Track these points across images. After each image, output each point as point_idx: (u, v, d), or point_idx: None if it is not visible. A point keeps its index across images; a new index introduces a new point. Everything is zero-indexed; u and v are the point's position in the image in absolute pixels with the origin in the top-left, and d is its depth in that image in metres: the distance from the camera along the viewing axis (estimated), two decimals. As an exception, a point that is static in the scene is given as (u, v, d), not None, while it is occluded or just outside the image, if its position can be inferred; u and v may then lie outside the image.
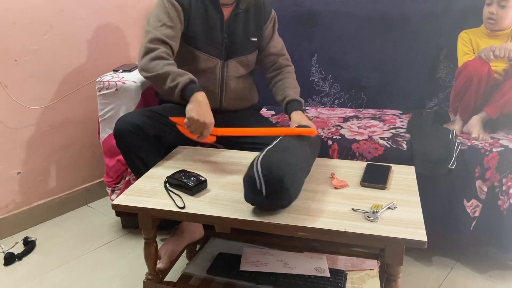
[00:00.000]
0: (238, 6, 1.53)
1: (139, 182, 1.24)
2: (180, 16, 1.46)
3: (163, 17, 1.44)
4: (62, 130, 1.99)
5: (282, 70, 1.64)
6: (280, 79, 1.62)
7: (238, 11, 1.53)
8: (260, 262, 1.30)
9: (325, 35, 2.04)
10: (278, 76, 1.63)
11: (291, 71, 1.65)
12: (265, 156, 1.06)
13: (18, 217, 1.89)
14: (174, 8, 1.45)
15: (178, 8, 1.45)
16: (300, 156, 1.15)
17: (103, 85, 1.68)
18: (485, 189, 1.44)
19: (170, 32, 1.43)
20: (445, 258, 1.63)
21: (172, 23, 1.44)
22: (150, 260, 1.24)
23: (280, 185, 1.00)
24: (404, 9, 1.94)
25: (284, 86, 1.59)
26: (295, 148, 1.16)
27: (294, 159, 1.09)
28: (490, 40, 1.68)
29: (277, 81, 1.63)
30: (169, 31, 1.43)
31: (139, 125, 1.36)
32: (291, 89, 1.58)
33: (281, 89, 1.59)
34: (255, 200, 1.04)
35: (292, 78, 1.63)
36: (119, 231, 1.88)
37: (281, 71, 1.64)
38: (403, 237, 0.96)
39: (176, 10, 1.45)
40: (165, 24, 1.43)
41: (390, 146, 1.53)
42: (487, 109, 1.59)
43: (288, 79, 1.62)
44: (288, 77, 1.62)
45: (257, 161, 1.04)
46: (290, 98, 1.54)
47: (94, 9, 2.01)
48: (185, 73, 1.36)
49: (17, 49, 1.77)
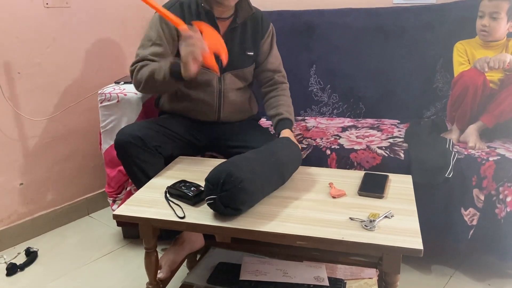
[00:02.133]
0: (235, 20, 1.55)
1: (140, 193, 1.26)
2: (172, 32, 1.49)
3: (152, 35, 1.48)
4: (64, 141, 2.02)
5: (278, 87, 1.65)
6: (275, 96, 1.63)
7: (235, 25, 1.55)
8: (260, 272, 1.31)
9: (323, 46, 2.07)
10: (273, 92, 1.64)
11: (286, 89, 1.66)
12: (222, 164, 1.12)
13: (20, 227, 1.90)
14: (167, 25, 1.48)
15: (170, 25, 1.47)
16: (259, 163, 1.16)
17: (104, 96, 1.71)
18: (482, 198, 1.46)
19: (158, 49, 1.47)
20: (444, 266, 1.64)
21: (160, 40, 1.47)
22: (150, 270, 1.25)
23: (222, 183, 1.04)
24: (401, 21, 1.97)
25: (278, 103, 1.60)
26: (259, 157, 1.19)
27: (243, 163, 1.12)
28: (485, 50, 1.71)
29: (271, 97, 1.64)
30: (157, 49, 1.47)
31: (140, 136, 1.38)
32: (284, 107, 1.59)
33: (275, 105, 1.61)
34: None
35: (287, 96, 1.65)
36: (120, 241, 1.90)
37: (276, 88, 1.65)
38: (399, 245, 0.97)
39: (168, 27, 1.48)
40: (154, 42, 1.47)
41: (388, 155, 1.55)
42: (483, 118, 1.61)
43: (283, 96, 1.63)
44: (283, 95, 1.63)
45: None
46: (283, 116, 1.56)
47: (95, 23, 2.05)
48: (164, 61, 1.39)
49: (20, 62, 1.80)
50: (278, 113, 1.58)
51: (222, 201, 1.06)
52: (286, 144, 1.33)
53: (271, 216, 1.10)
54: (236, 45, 1.56)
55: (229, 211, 1.08)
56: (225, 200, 1.06)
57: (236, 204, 1.06)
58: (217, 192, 1.06)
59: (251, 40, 1.60)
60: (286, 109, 1.59)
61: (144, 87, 1.45)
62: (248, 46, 1.59)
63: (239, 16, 1.55)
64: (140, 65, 1.45)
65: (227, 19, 1.54)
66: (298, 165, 1.34)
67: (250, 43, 1.59)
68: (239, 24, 1.55)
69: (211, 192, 1.07)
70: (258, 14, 1.61)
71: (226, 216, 1.10)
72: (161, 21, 1.48)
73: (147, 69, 1.41)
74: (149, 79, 1.40)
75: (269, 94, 1.65)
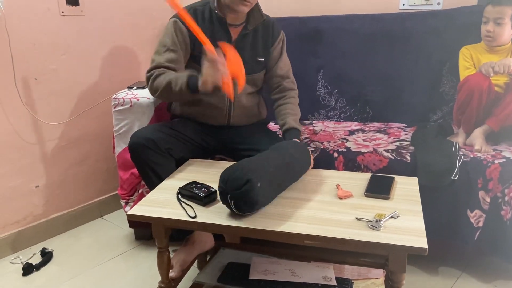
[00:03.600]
0: (246, 27, 1.59)
1: (152, 194, 1.30)
2: (186, 39, 1.53)
3: (167, 42, 1.52)
4: (78, 144, 2.08)
5: (286, 94, 1.68)
6: (282, 104, 1.66)
7: (247, 32, 1.59)
8: (269, 271, 1.35)
9: (330, 51, 2.10)
10: (281, 100, 1.67)
11: (294, 96, 1.69)
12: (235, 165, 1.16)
13: (36, 229, 1.96)
14: (180, 32, 1.52)
15: (184, 31, 1.52)
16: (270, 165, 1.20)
17: (118, 101, 1.76)
18: (488, 200, 1.47)
19: (173, 56, 1.51)
20: (451, 268, 1.65)
21: (175, 47, 1.52)
22: (162, 269, 1.29)
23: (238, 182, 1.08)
24: (407, 26, 2.00)
25: (285, 112, 1.63)
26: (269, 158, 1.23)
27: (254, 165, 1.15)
28: (490, 55, 1.73)
29: (279, 105, 1.67)
30: (172, 55, 1.51)
31: (153, 139, 1.43)
32: (291, 116, 1.62)
33: (282, 114, 1.64)
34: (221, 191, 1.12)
35: (294, 103, 1.67)
36: (132, 242, 1.94)
37: (284, 95, 1.68)
38: (404, 244, 0.99)
39: (182, 34, 1.52)
40: (168, 48, 1.52)
41: (395, 158, 1.57)
42: (489, 122, 1.63)
43: (290, 104, 1.65)
44: (290, 102, 1.66)
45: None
46: (288, 126, 1.59)
47: (108, 30, 2.11)
48: (182, 73, 1.44)
49: (37, 68, 1.87)
50: (285, 123, 1.61)
51: (236, 200, 1.09)
52: (295, 145, 1.37)
53: (280, 216, 1.13)
54: (247, 51, 1.59)
55: (241, 210, 1.11)
56: (238, 199, 1.09)
57: (249, 203, 1.09)
58: (232, 190, 1.09)
59: (262, 47, 1.63)
60: (293, 118, 1.62)
61: (161, 96, 1.51)
62: (259, 53, 1.62)
63: (250, 23, 1.58)
64: (156, 73, 1.49)
65: (238, 25, 1.58)
66: (309, 165, 1.38)
67: (261, 49, 1.63)
68: (250, 31, 1.59)
69: (225, 189, 1.10)
70: (269, 21, 1.64)
71: (236, 215, 1.13)
72: (175, 27, 1.52)
73: (164, 78, 1.46)
74: (166, 89, 1.45)
75: (278, 101, 1.68)
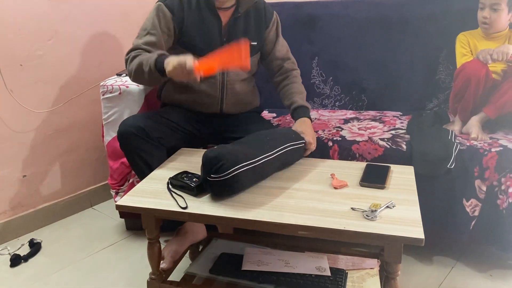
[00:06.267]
0: (237, 10, 1.54)
1: (142, 184, 1.27)
2: (169, 23, 1.49)
3: (148, 25, 1.49)
4: (66, 133, 2.03)
5: (288, 75, 1.66)
6: (287, 84, 1.64)
7: (238, 15, 1.55)
8: (262, 262, 1.32)
9: (325, 38, 2.06)
10: (285, 81, 1.65)
11: (297, 75, 1.67)
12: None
13: (24, 219, 1.92)
14: (163, 15, 1.48)
15: (167, 15, 1.48)
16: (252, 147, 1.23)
17: (106, 88, 1.71)
18: (484, 189, 1.46)
19: (152, 38, 1.47)
20: (446, 257, 1.64)
21: (154, 30, 1.47)
22: (153, 260, 1.27)
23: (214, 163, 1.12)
24: (403, 12, 1.96)
25: (291, 91, 1.61)
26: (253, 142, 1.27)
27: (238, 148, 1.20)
28: (487, 42, 1.70)
29: (283, 86, 1.65)
30: (151, 38, 1.47)
31: (142, 127, 1.39)
32: (297, 94, 1.60)
33: (288, 94, 1.62)
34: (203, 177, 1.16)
35: (298, 82, 1.65)
36: (123, 233, 1.91)
37: (287, 76, 1.66)
38: (401, 235, 0.97)
39: (165, 18, 1.48)
40: (148, 32, 1.48)
41: (390, 147, 1.55)
42: (486, 109, 1.61)
43: (295, 83, 1.64)
44: (295, 82, 1.64)
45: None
46: (297, 104, 1.57)
47: (97, 15, 2.05)
48: (152, 53, 1.40)
49: (22, 54, 1.81)
50: (293, 101, 1.58)
51: (212, 185, 1.14)
52: (283, 130, 1.38)
53: (273, 206, 1.11)
54: (239, 35, 1.55)
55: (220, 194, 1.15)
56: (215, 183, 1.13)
57: (227, 188, 1.13)
58: (207, 174, 1.13)
59: (254, 30, 1.59)
60: (299, 96, 1.60)
61: (135, 78, 1.47)
62: (251, 36, 1.58)
63: (241, 6, 1.54)
64: (132, 55, 1.45)
65: (228, 9, 1.54)
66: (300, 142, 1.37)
67: (253, 32, 1.59)
68: (241, 14, 1.55)
69: (203, 175, 1.16)
70: (260, 3, 1.61)
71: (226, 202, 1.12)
72: (157, 11, 1.48)
73: (137, 60, 1.42)
74: (138, 70, 1.41)
75: (281, 83, 1.66)
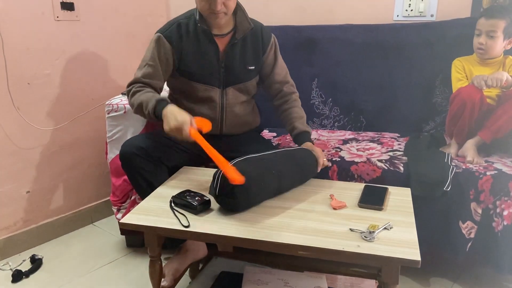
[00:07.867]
0: (234, 36, 1.56)
1: (145, 202, 1.29)
2: (168, 55, 1.52)
3: (147, 56, 1.53)
4: (70, 150, 2.06)
5: (288, 99, 1.67)
6: (287, 109, 1.66)
7: (235, 41, 1.56)
8: (262, 281, 1.34)
9: (325, 60, 2.11)
10: (284, 105, 1.67)
11: (296, 99, 1.69)
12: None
13: (25, 235, 1.93)
14: (163, 47, 1.52)
15: (166, 46, 1.51)
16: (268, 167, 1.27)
17: (112, 107, 1.75)
18: (479, 211, 1.49)
19: (150, 70, 1.51)
20: (443, 278, 1.65)
21: (153, 61, 1.51)
22: (154, 278, 1.28)
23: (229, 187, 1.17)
24: (400, 37, 2.01)
25: (291, 116, 1.63)
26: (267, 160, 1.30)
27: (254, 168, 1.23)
28: (482, 67, 1.75)
29: (283, 111, 1.67)
30: (149, 70, 1.51)
31: (144, 147, 1.42)
32: (297, 119, 1.62)
33: (288, 119, 1.64)
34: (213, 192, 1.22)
35: (298, 106, 1.67)
36: (124, 249, 1.92)
37: (286, 100, 1.67)
38: (398, 256, 1.00)
39: (164, 49, 1.52)
40: (147, 63, 1.52)
41: (388, 168, 1.58)
42: (481, 133, 1.64)
43: (294, 108, 1.65)
44: (294, 106, 1.66)
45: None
46: (298, 131, 1.59)
47: (104, 36, 2.11)
48: (153, 96, 1.44)
49: (30, 73, 1.85)
50: (293, 127, 1.61)
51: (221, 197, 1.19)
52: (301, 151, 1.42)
53: (273, 226, 1.13)
54: (237, 60, 1.58)
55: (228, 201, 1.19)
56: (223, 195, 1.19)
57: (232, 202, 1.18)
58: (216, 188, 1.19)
59: (251, 55, 1.61)
60: (300, 121, 1.62)
61: (136, 113, 1.51)
62: (248, 61, 1.60)
63: (238, 32, 1.56)
64: (133, 89, 1.49)
65: (225, 35, 1.56)
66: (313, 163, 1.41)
67: (250, 57, 1.61)
68: (238, 40, 1.57)
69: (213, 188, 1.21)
70: (257, 28, 1.62)
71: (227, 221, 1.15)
72: (156, 42, 1.52)
73: (139, 97, 1.46)
74: (139, 109, 1.46)
75: (281, 107, 1.68)
